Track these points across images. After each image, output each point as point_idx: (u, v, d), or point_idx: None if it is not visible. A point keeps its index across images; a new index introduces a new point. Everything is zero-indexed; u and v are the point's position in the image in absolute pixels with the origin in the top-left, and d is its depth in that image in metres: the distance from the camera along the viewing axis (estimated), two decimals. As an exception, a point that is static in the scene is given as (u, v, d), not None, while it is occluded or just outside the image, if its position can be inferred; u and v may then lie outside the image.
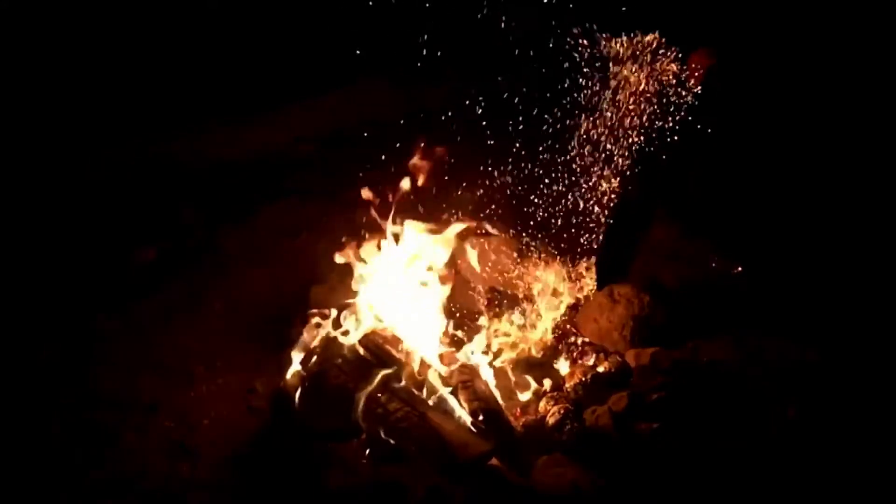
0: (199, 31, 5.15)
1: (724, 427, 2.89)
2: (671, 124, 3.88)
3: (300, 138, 4.88)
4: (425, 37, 4.45)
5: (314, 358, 3.24)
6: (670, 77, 3.73)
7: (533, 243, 4.08)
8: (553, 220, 4.18)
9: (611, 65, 3.81)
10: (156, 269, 3.99)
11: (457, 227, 3.50)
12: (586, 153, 4.06)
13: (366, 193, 3.43)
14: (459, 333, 3.48)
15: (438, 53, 4.43)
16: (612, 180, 4.05)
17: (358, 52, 4.46)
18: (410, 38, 4.40)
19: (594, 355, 3.54)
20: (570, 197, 4.16)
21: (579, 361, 3.52)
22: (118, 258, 4.03)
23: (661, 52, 3.78)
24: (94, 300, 3.75)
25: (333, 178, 4.18)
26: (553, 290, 3.87)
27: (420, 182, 3.54)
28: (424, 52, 4.43)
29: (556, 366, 3.50)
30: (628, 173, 4.06)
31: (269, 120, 5.11)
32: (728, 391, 3.10)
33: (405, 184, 3.48)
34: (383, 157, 3.87)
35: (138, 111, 4.88)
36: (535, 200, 4.22)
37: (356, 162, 3.95)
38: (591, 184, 4.11)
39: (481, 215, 4.08)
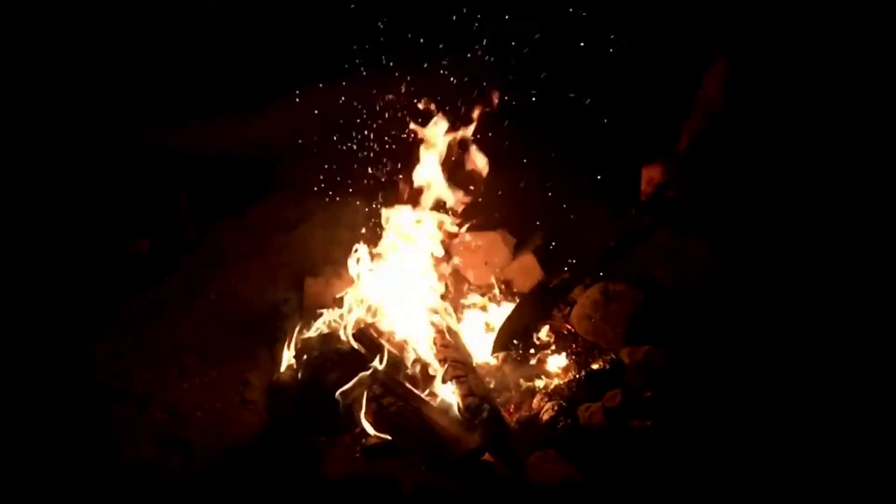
0: (195, 25, 5.13)
1: (719, 425, 2.90)
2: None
3: (297, 130, 4.86)
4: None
5: (308, 351, 3.24)
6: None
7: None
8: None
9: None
10: (149, 261, 3.98)
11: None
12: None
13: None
14: (456, 329, 3.47)
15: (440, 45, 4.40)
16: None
17: (358, 42, 4.43)
18: (412, 27, 4.37)
19: (588, 352, 3.55)
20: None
21: (573, 358, 3.52)
22: (111, 249, 4.01)
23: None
24: (86, 291, 3.73)
25: (330, 170, 4.16)
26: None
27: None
28: (423, 40, 4.40)
29: (550, 362, 3.50)
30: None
31: (265, 112, 5.09)
32: (722, 389, 3.11)
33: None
34: (381, 149, 3.86)
35: (132, 103, 4.85)
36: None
37: (354, 154, 3.94)
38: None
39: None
